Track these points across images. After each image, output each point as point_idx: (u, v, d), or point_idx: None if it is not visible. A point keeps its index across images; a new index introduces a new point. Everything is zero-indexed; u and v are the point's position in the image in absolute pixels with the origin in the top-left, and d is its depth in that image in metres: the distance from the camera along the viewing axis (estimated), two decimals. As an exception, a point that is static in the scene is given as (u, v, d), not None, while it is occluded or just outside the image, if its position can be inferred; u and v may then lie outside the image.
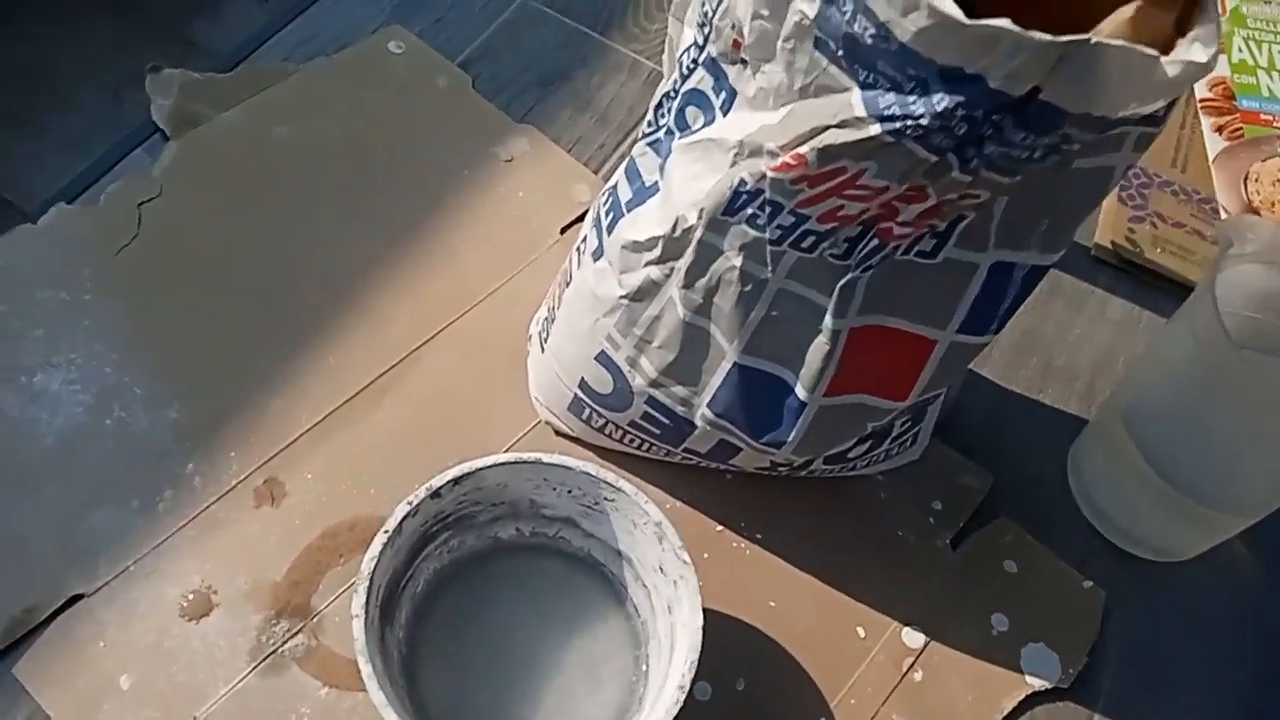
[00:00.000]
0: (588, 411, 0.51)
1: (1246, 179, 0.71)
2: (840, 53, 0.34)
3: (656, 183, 0.44)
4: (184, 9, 1.68)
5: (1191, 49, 0.32)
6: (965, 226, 0.39)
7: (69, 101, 0.55)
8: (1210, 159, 0.72)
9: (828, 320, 0.41)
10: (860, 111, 0.33)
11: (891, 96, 0.33)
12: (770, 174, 0.37)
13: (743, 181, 0.38)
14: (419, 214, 0.60)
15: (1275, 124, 0.74)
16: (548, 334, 0.52)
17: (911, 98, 0.32)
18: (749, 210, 0.39)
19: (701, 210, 0.40)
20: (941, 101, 0.32)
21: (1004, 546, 0.54)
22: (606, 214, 0.46)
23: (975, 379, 0.61)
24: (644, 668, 0.47)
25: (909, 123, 0.32)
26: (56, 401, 0.50)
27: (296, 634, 0.46)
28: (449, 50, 0.68)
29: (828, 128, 0.34)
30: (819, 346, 0.42)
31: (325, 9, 0.70)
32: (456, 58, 0.68)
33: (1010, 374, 0.61)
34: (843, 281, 0.40)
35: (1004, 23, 0.30)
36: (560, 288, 0.51)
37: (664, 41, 0.46)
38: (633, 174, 0.45)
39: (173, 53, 1.61)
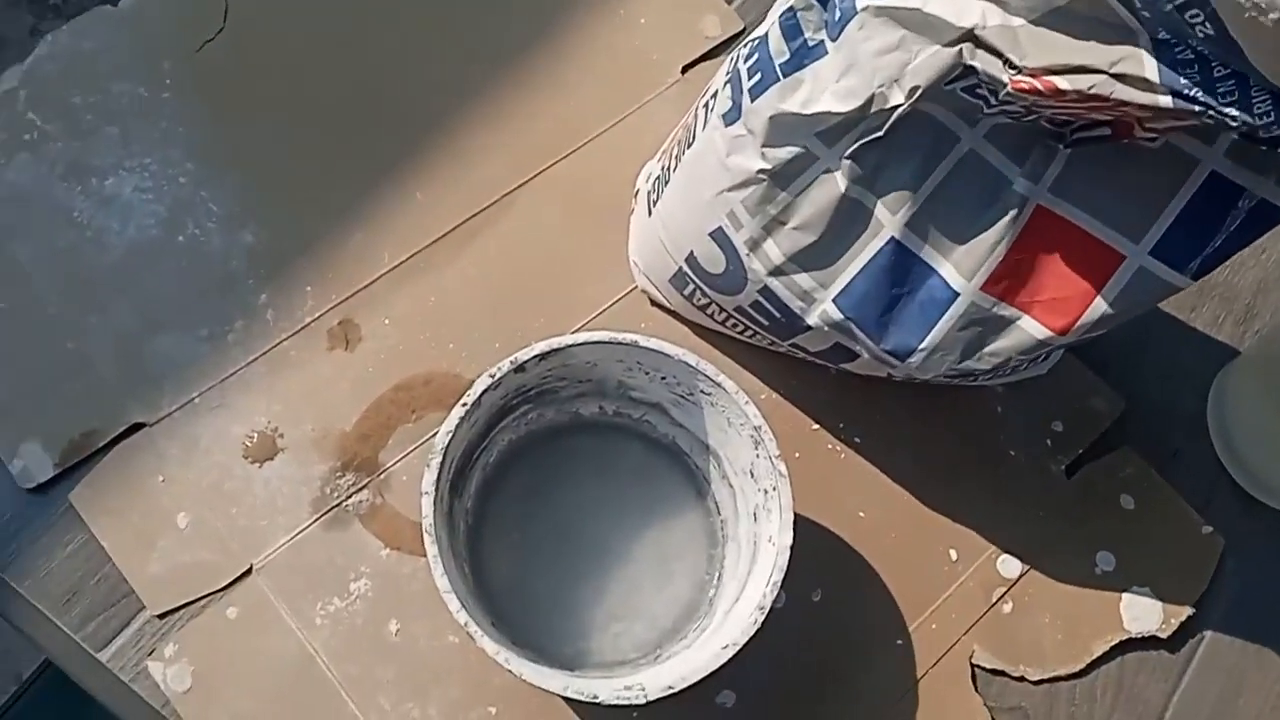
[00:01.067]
0: (691, 288, 0.46)
1: None
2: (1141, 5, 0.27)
3: (823, 43, 0.37)
4: None
5: None
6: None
7: None
8: None
9: (1019, 183, 0.35)
10: (1152, 75, 0.27)
11: (1196, 78, 0.27)
12: (1010, 89, 0.30)
13: (970, 70, 0.32)
14: (524, 35, 0.54)
15: None
16: (658, 195, 0.46)
17: (1219, 94, 0.26)
18: (972, 81, 0.33)
19: (914, 89, 0.34)
20: (1266, 114, 0.26)
21: (1124, 479, 0.50)
22: (750, 73, 0.40)
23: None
24: (719, 569, 0.44)
25: (1211, 113, 0.26)
26: (128, 210, 0.47)
27: (362, 489, 0.44)
28: None
29: (1102, 73, 0.28)
30: (994, 219, 0.36)
31: None
32: None
33: (1161, 287, 0.55)
34: (1048, 142, 0.34)
35: None
36: (679, 145, 0.45)
37: None
38: (791, 30, 0.38)
39: None
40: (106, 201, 0.47)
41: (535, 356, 0.40)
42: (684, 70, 0.55)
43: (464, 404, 0.39)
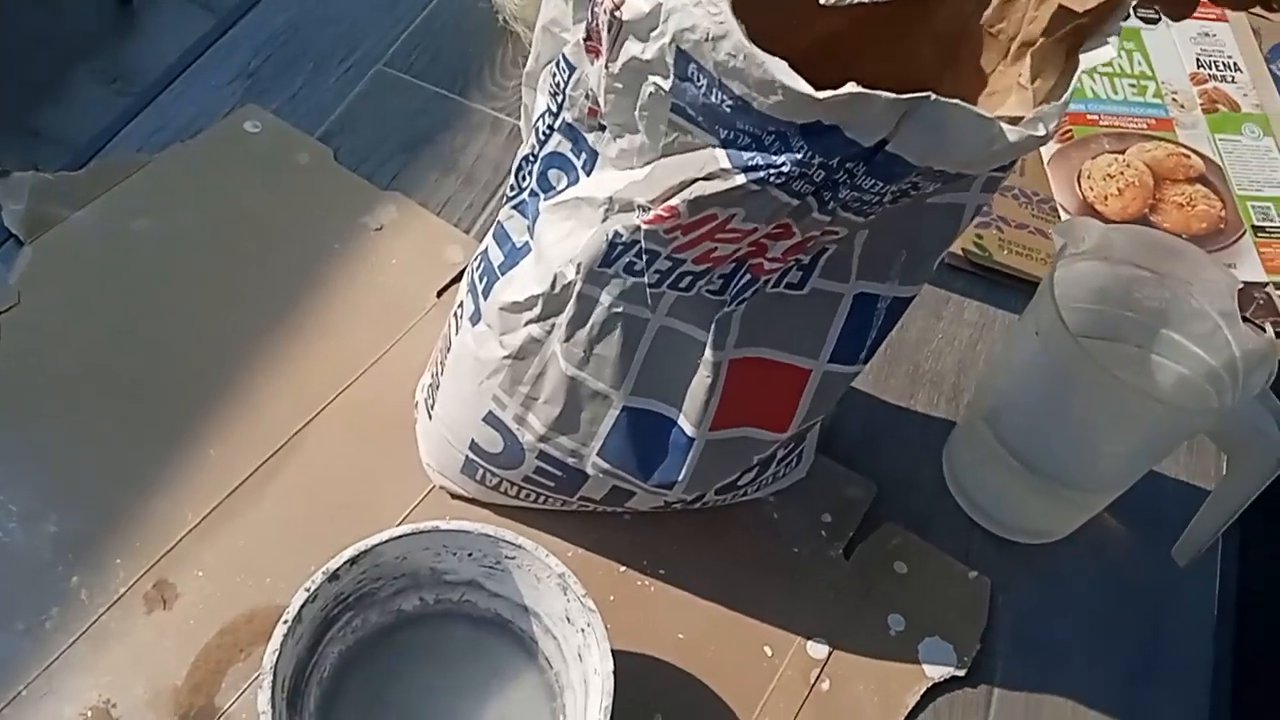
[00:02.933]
0: (481, 472, 0.51)
1: (1079, 177, 0.76)
2: (699, 118, 0.36)
3: (527, 243, 0.45)
4: (25, 99, 1.63)
5: (1034, 124, 0.35)
6: (828, 259, 0.41)
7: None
8: (1045, 162, 0.77)
9: (708, 353, 0.43)
10: (725, 164, 0.36)
11: (754, 149, 0.35)
12: (645, 226, 0.38)
13: (617, 234, 0.40)
14: (291, 292, 0.60)
15: (1100, 123, 0.80)
16: (434, 400, 0.52)
17: (772, 150, 0.34)
18: (626, 259, 0.40)
19: (579, 265, 0.41)
20: (800, 152, 0.34)
21: (893, 549, 0.57)
22: (480, 279, 0.47)
23: (851, 392, 0.62)
24: (562, 717, 0.47)
25: (771, 172, 0.35)
26: (-76, 530, 0.48)
27: (205, 736, 0.45)
28: (307, 125, 0.68)
29: (695, 180, 0.36)
30: (701, 380, 0.43)
31: (176, 94, 0.69)
32: (315, 132, 0.68)
33: (881, 384, 0.64)
34: (719, 315, 0.42)
35: (851, 88, 0.32)
36: (442, 354, 0.52)
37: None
38: (501, 238, 0.47)
39: (18, 145, 1.56)
40: (-100, 530, 0.48)
41: (346, 562, 0.44)
42: (439, 294, 0.62)
43: (285, 620, 0.42)
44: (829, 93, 0.32)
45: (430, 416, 0.53)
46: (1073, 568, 0.59)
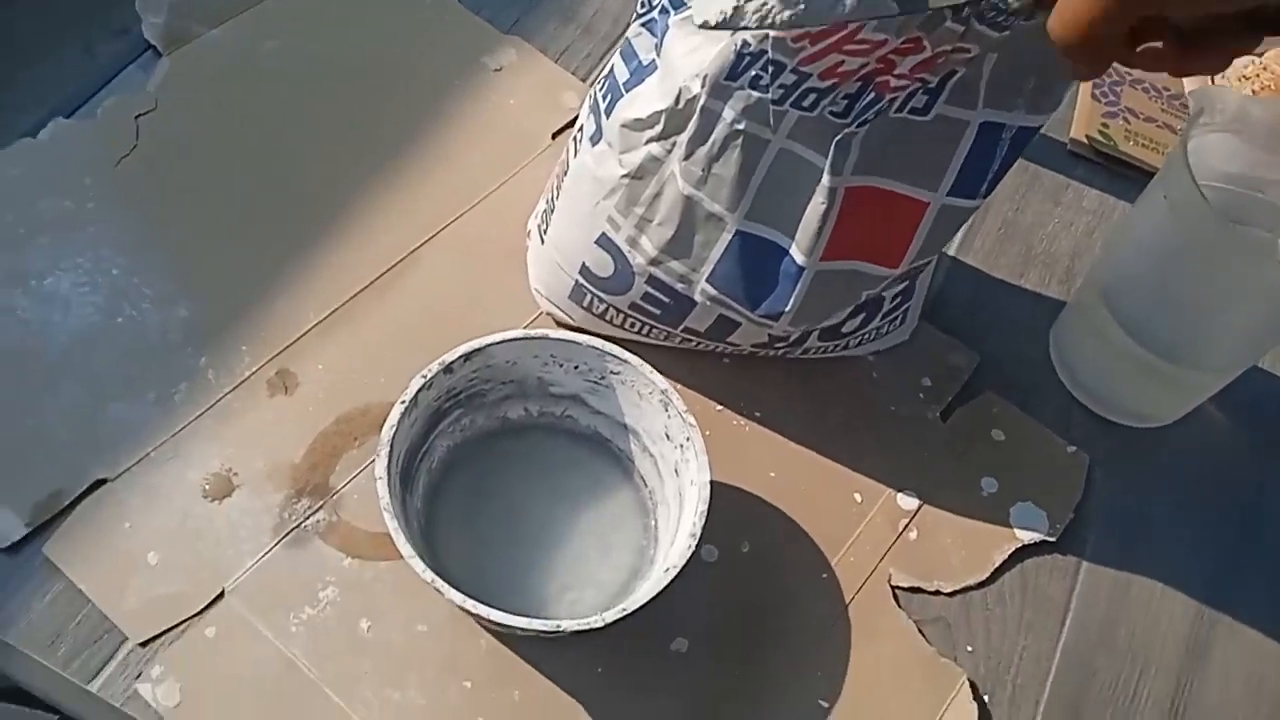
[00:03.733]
0: (589, 297, 0.52)
1: (1213, 77, 0.73)
2: None
3: (654, 61, 0.45)
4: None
5: None
6: (956, 82, 0.41)
7: (39, 57, 0.57)
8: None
9: (825, 178, 0.43)
10: None
11: None
12: (773, 33, 0.38)
13: (745, 44, 0.40)
14: (412, 121, 0.61)
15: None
16: (547, 225, 0.53)
17: None
18: (752, 72, 0.40)
19: (705, 77, 0.41)
20: None
21: (992, 417, 0.57)
22: (604, 97, 0.47)
23: (959, 266, 0.63)
24: (653, 533, 0.48)
25: None
26: (67, 303, 0.51)
27: (317, 510, 0.48)
28: (432, -33, 0.69)
29: None
30: (816, 207, 0.43)
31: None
32: (440, -26, 0.69)
33: (992, 261, 0.63)
34: (839, 136, 0.42)
35: None
36: (558, 179, 0.52)
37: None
38: (629, 55, 0.47)
39: None
40: (48, 299, 0.51)
41: (461, 356, 0.46)
42: (553, 136, 0.62)
43: (402, 401, 0.44)
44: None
45: (543, 241, 0.54)
46: (1173, 455, 0.58)
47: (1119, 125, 0.70)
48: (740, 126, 0.42)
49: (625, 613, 0.41)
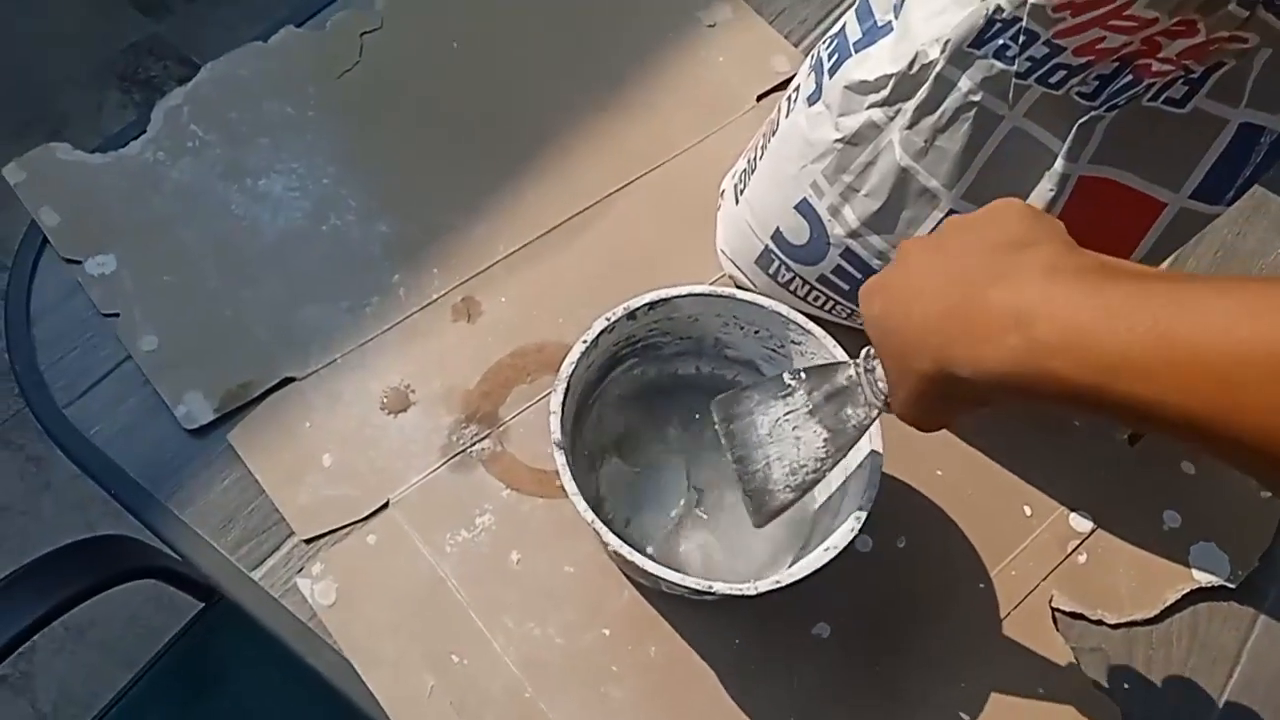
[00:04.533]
0: (776, 265, 0.51)
1: None
2: None
3: (890, 22, 0.43)
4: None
5: None
6: (1222, 76, 0.38)
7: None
8: None
9: (1058, 163, 0.40)
10: None
11: None
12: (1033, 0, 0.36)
13: (999, 9, 0.38)
14: (622, 68, 0.61)
15: None
16: (744, 185, 0.52)
17: None
18: (1000, 40, 0.38)
19: (946, 42, 0.40)
20: None
21: (1184, 447, 0.53)
22: (830, 56, 0.46)
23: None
24: (810, 510, 0.47)
25: None
26: (278, 204, 0.53)
27: (485, 438, 0.49)
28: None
29: None
30: (1042, 194, 0.41)
31: None
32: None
33: (1206, 284, 0.59)
34: (1083, 119, 0.39)
35: None
36: (764, 138, 0.51)
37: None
38: (864, 13, 0.45)
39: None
40: (260, 198, 0.53)
41: (645, 304, 0.45)
42: (759, 99, 0.61)
43: (584, 341, 0.44)
44: None
45: (737, 201, 0.53)
46: (1383, 519, 0.53)
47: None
48: (976, 99, 0.40)
49: (779, 585, 0.40)
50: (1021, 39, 0.38)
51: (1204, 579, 0.50)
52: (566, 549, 0.46)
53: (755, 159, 0.52)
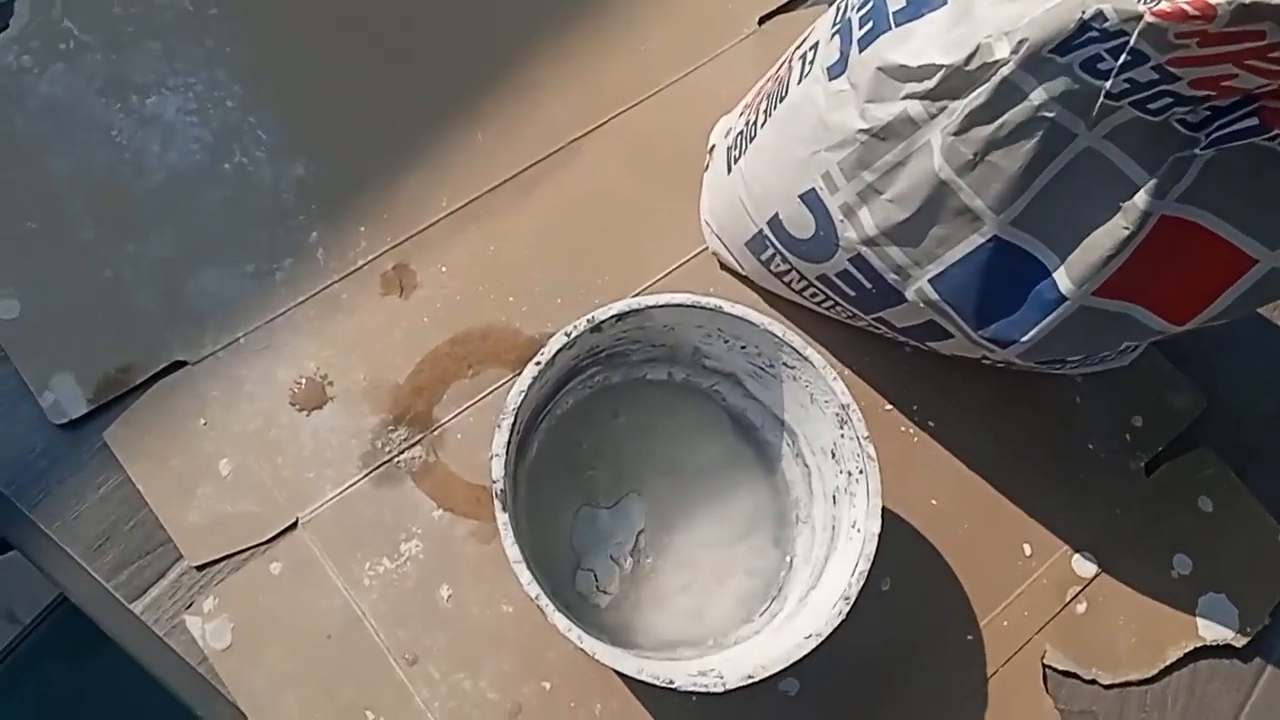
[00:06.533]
0: (770, 253, 0.43)
1: None
2: None
3: None
4: None
5: None
6: None
7: None
8: None
9: (1140, 198, 0.32)
10: None
11: None
12: (1150, 17, 0.27)
13: (1099, 16, 0.29)
14: (598, -26, 0.51)
15: None
16: (741, 152, 0.44)
17: None
18: (1093, 50, 0.30)
19: (1021, 41, 0.31)
20: None
21: (1202, 481, 0.48)
22: (862, 22, 0.37)
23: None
24: (790, 551, 0.41)
25: None
26: (170, 132, 0.44)
27: (414, 445, 0.41)
28: None
29: None
30: (1114, 230, 0.33)
31: None
32: None
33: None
34: (1177, 155, 0.31)
35: None
36: (767, 99, 0.42)
37: None
38: (912, -27, 0.36)
39: None
40: (147, 121, 0.44)
41: (613, 316, 0.38)
42: (761, 21, 0.52)
43: (538, 363, 0.36)
44: None
45: (729, 170, 0.44)
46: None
47: None
48: (1047, 115, 0.32)
49: (751, 681, 0.34)
50: (1125, 58, 0.29)
51: (1210, 634, 0.45)
52: (506, 585, 0.40)
53: (755, 123, 0.43)
